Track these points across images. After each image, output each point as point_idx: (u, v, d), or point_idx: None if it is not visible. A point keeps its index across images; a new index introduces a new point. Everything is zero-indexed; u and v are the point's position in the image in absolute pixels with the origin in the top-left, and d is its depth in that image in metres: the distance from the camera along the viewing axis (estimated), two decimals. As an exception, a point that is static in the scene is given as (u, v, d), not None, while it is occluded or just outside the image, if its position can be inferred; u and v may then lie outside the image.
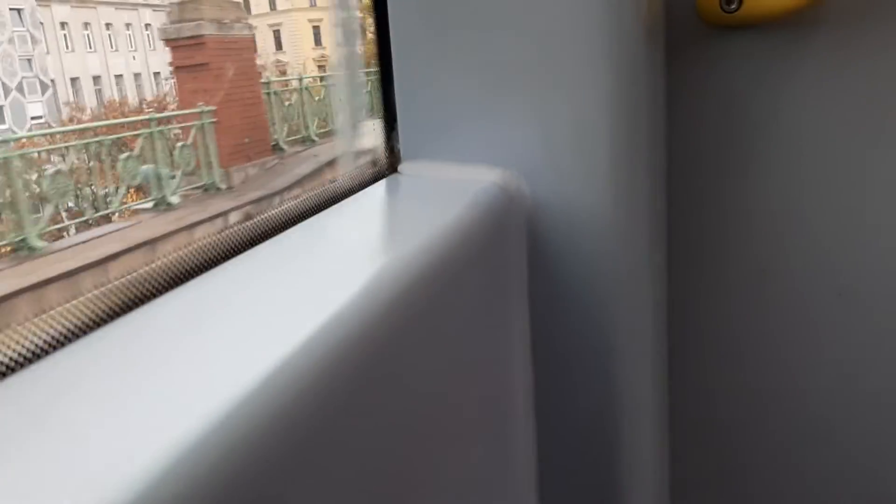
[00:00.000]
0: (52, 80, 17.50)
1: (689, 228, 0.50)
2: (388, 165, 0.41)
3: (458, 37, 0.37)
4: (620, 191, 0.38)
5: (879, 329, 0.47)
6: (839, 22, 0.44)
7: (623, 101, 0.37)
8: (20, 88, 16.83)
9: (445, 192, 0.38)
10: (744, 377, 0.52)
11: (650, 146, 0.44)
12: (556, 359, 0.40)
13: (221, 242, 0.30)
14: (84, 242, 3.90)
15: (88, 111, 15.39)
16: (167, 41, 5.43)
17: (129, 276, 0.25)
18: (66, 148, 4.68)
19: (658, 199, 0.47)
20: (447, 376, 0.31)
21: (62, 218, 4.50)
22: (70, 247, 3.83)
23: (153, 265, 0.26)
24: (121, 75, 19.24)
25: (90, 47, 18.82)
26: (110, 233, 4.10)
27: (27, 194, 3.84)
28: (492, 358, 0.37)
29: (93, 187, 5.07)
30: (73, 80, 18.46)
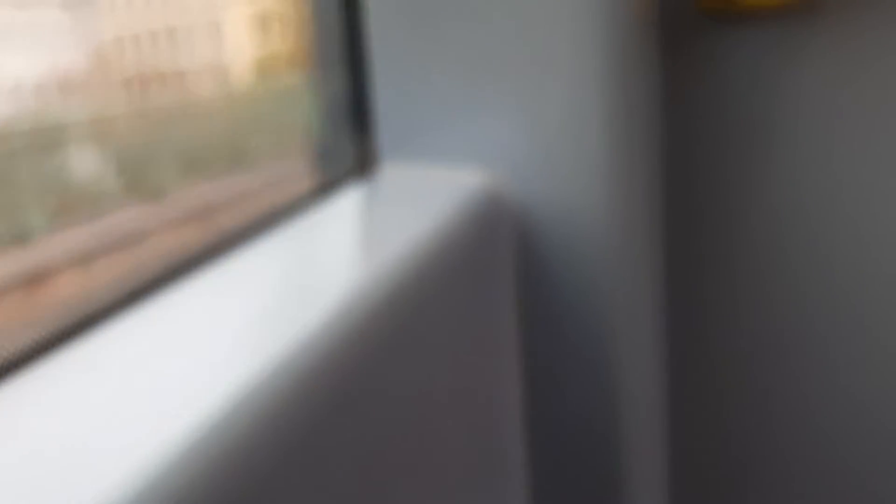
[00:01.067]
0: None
1: (687, 228, 0.49)
2: (364, 168, 0.38)
3: (440, 29, 0.35)
4: (614, 191, 0.36)
5: (882, 329, 0.47)
6: (840, 10, 0.43)
7: (615, 95, 0.35)
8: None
9: (426, 198, 0.36)
10: (745, 380, 0.51)
11: (645, 142, 0.43)
12: (548, 371, 0.39)
13: (177, 260, 0.27)
14: None
15: None
16: None
17: (71, 300, 0.23)
18: None
19: (654, 198, 0.46)
20: (431, 396, 0.29)
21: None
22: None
23: (101, 287, 0.24)
24: None
25: None
26: None
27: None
28: (479, 374, 0.35)
29: None
30: None
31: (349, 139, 0.38)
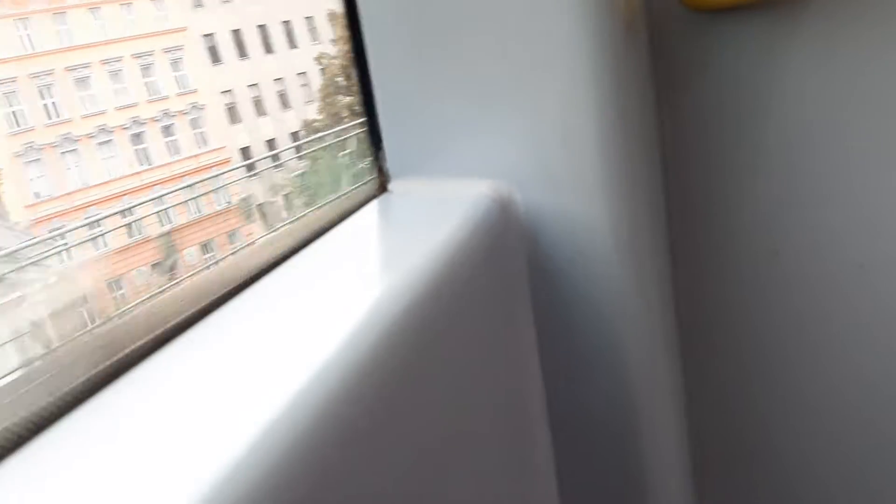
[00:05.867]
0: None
1: (694, 219, 0.49)
2: (378, 185, 0.40)
3: (439, 52, 0.37)
4: (614, 191, 0.37)
5: (880, 313, 0.46)
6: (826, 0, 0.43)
7: (609, 100, 0.36)
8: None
9: (438, 209, 0.38)
10: (764, 361, 0.50)
11: (643, 141, 0.43)
12: (567, 366, 0.40)
13: (213, 287, 0.30)
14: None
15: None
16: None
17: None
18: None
19: (656, 194, 0.47)
20: (457, 398, 0.31)
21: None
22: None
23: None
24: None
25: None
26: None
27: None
28: (502, 371, 0.37)
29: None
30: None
31: (369, 160, 0.41)
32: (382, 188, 0.40)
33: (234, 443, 0.19)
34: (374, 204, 0.39)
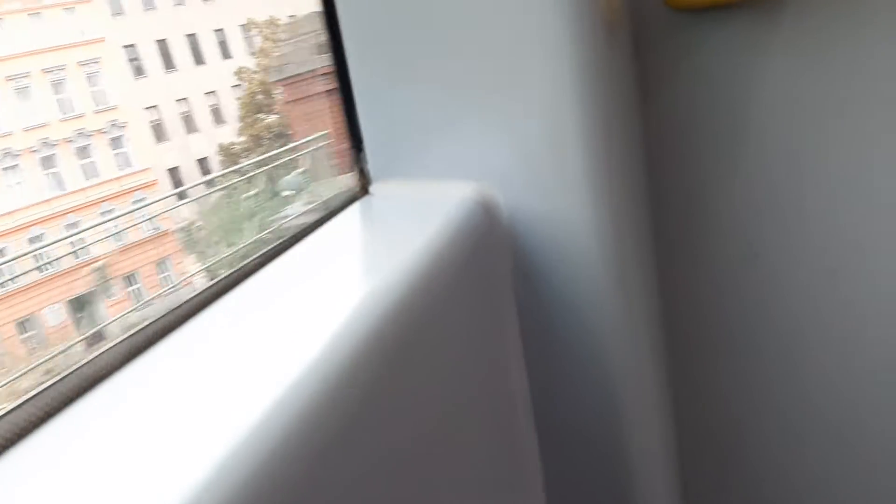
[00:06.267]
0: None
1: (675, 220, 0.49)
2: (360, 188, 0.39)
3: (420, 53, 0.36)
4: (597, 192, 0.37)
5: (876, 304, 0.46)
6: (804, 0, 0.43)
7: (592, 100, 0.36)
8: None
9: (420, 211, 0.37)
10: (744, 362, 0.50)
11: (626, 142, 0.44)
12: (551, 368, 0.40)
13: (194, 296, 0.29)
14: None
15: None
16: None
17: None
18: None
19: (639, 195, 0.47)
20: (441, 400, 0.31)
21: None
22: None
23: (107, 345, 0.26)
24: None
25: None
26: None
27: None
28: (487, 372, 0.36)
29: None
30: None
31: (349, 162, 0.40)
32: (363, 190, 0.39)
33: (216, 447, 0.19)
34: (355, 206, 0.38)
